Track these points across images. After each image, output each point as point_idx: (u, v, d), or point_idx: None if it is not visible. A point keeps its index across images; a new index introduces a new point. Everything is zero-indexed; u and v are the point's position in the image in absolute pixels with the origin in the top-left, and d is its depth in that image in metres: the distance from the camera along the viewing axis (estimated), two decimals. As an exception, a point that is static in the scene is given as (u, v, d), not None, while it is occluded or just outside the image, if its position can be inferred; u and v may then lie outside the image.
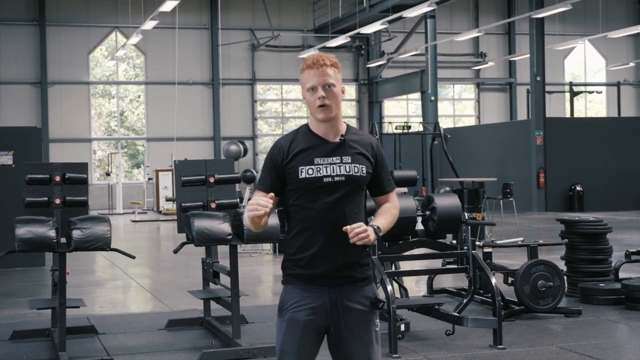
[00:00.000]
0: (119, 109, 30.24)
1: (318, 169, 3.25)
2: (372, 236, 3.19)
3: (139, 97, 30.36)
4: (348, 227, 3.16)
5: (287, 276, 3.32)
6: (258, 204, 3.11)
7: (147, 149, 29.60)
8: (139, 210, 25.37)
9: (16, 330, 7.29)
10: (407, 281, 10.12)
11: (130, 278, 11.38)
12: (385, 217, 3.38)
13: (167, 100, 28.63)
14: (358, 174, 3.29)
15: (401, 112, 33.24)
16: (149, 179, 27.39)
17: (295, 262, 3.29)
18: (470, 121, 33.28)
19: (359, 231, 3.14)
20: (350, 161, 3.29)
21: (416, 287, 9.93)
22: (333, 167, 3.26)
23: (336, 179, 3.25)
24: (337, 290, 3.26)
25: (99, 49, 29.49)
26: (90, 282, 11.03)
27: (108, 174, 27.28)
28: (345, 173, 3.27)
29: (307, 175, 3.25)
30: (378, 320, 3.37)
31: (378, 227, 3.26)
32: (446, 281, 10.03)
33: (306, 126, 3.36)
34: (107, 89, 30.30)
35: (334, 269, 3.25)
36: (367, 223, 3.28)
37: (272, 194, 3.21)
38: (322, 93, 3.24)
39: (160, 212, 25.51)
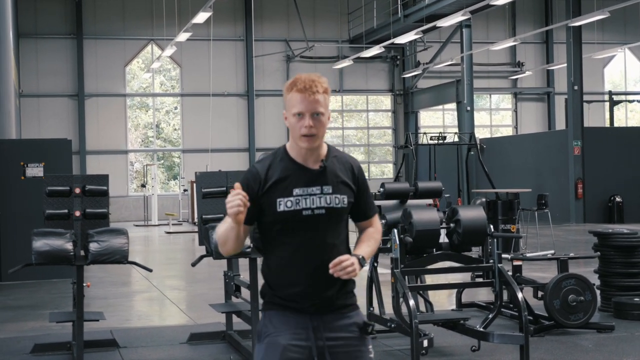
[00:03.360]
0: (155, 120, 30.46)
1: (297, 201, 3.04)
2: (358, 268, 3.01)
3: (175, 108, 30.55)
4: (333, 262, 2.97)
5: (267, 303, 3.14)
6: (230, 202, 2.84)
7: (183, 161, 29.74)
8: (174, 221, 25.45)
9: (37, 344, 7.27)
10: (440, 295, 9.95)
11: (160, 291, 11.32)
12: (369, 243, 3.19)
13: (203, 112, 28.76)
14: (339, 205, 3.09)
15: (437, 122, 32.97)
16: (184, 190, 27.50)
17: (276, 295, 3.11)
18: (508, 131, 32.87)
19: (346, 265, 2.97)
20: (331, 191, 3.08)
21: (448, 301, 9.71)
22: (313, 199, 3.06)
23: (316, 212, 3.05)
24: (318, 318, 3.08)
25: (135, 61, 29.73)
26: (119, 294, 11.01)
27: (143, 186, 27.44)
28: (326, 205, 3.06)
29: (286, 209, 3.04)
30: (371, 346, 3.18)
31: (362, 257, 3.07)
32: (480, 295, 9.80)
33: (284, 150, 3.13)
34: (143, 101, 30.54)
35: (319, 303, 3.08)
36: (349, 251, 3.12)
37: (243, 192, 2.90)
38: (310, 122, 3.00)
39: (195, 223, 25.56)
